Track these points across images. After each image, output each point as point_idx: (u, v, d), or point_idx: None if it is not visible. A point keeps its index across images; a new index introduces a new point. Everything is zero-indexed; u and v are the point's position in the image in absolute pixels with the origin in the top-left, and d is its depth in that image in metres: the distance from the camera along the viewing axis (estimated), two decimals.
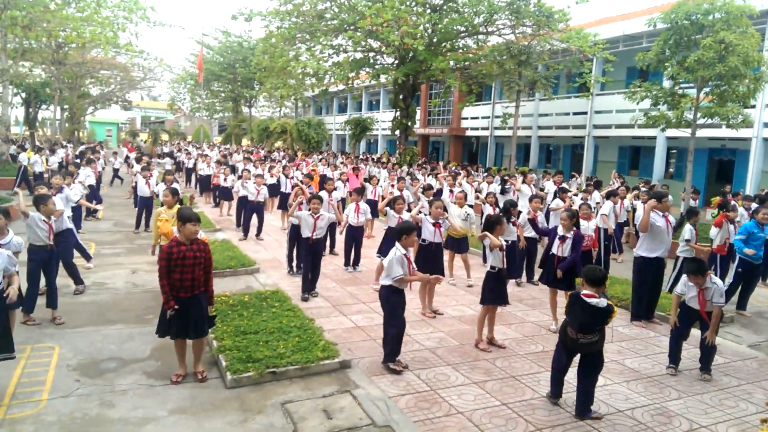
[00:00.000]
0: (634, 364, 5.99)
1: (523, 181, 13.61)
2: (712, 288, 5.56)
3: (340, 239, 10.07)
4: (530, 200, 9.42)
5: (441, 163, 25.62)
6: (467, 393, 5.11)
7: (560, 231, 7.06)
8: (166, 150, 31.32)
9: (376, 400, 4.84)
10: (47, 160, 18.54)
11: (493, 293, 6.19)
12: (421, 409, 4.77)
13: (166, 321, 4.95)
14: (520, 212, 8.99)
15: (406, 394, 5.04)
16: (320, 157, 25.43)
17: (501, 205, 11.96)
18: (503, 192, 13.39)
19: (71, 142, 31.48)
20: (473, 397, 5.04)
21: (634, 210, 12.40)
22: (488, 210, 10.08)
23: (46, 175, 15.95)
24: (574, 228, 7.04)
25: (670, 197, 7.70)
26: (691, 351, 6.47)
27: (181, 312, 4.91)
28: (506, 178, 13.71)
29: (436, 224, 7.57)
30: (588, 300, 4.52)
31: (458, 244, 9.11)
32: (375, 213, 11.49)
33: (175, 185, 9.85)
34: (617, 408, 4.95)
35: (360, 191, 10.13)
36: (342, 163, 22.90)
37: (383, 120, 38.57)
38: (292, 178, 13.48)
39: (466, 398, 5.00)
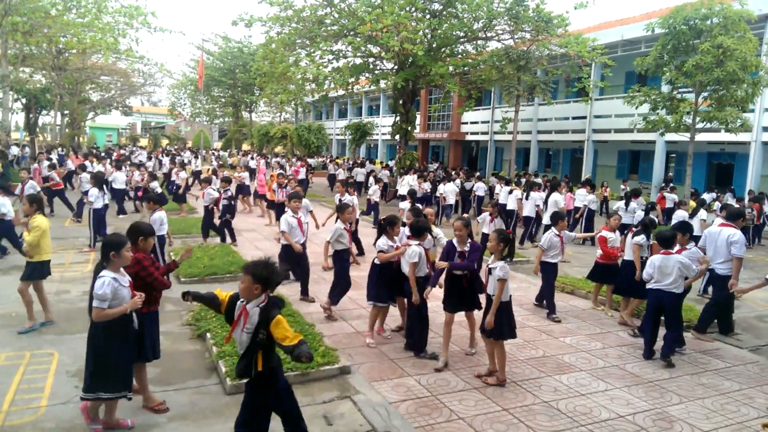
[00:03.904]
0: (635, 369, 5.98)
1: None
2: None
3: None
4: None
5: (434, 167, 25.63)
6: (468, 398, 5.10)
7: (455, 243, 6.02)
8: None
9: (376, 405, 4.82)
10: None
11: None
12: (421, 414, 4.76)
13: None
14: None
15: (406, 399, 5.02)
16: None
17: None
18: (527, 198, 13.19)
19: (72, 148, 31.46)
20: (474, 402, 5.03)
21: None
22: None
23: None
24: (470, 240, 6.07)
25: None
26: (691, 355, 6.47)
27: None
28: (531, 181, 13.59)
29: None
30: None
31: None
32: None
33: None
34: (618, 413, 4.94)
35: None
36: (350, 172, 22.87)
37: (383, 125, 38.71)
38: (285, 187, 13.43)
39: (467, 404, 4.99)
